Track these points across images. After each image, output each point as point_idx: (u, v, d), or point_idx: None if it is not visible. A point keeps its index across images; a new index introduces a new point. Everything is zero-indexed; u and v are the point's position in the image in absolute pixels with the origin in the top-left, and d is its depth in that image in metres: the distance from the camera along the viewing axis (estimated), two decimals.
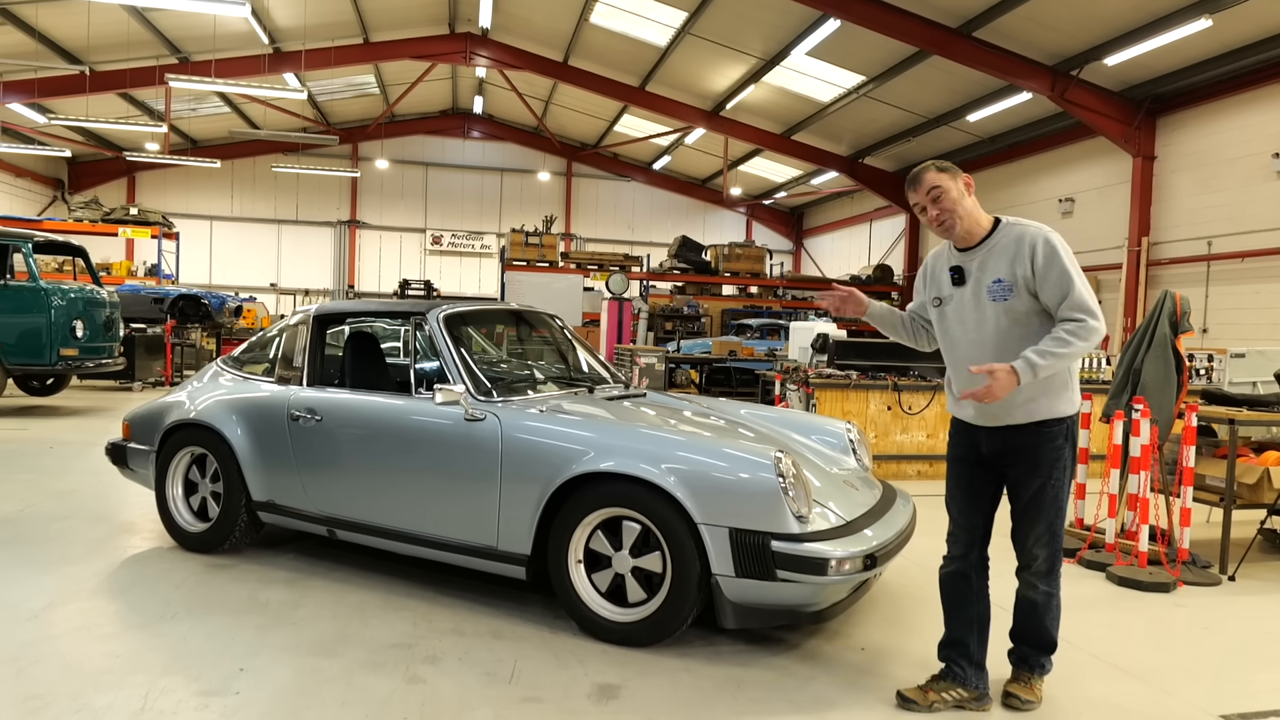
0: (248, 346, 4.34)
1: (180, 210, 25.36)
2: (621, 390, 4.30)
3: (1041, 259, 2.62)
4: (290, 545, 4.23)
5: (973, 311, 2.76)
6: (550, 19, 17.65)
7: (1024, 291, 2.65)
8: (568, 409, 3.52)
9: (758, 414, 4.43)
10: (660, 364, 12.42)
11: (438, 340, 3.69)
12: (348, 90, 22.74)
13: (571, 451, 3.17)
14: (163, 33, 16.94)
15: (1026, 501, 2.76)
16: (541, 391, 3.86)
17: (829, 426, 4.31)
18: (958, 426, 2.95)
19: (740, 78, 17.64)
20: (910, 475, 7.43)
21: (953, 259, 2.84)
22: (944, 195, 2.74)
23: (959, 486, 2.94)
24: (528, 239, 18.85)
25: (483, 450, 3.33)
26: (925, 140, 18.14)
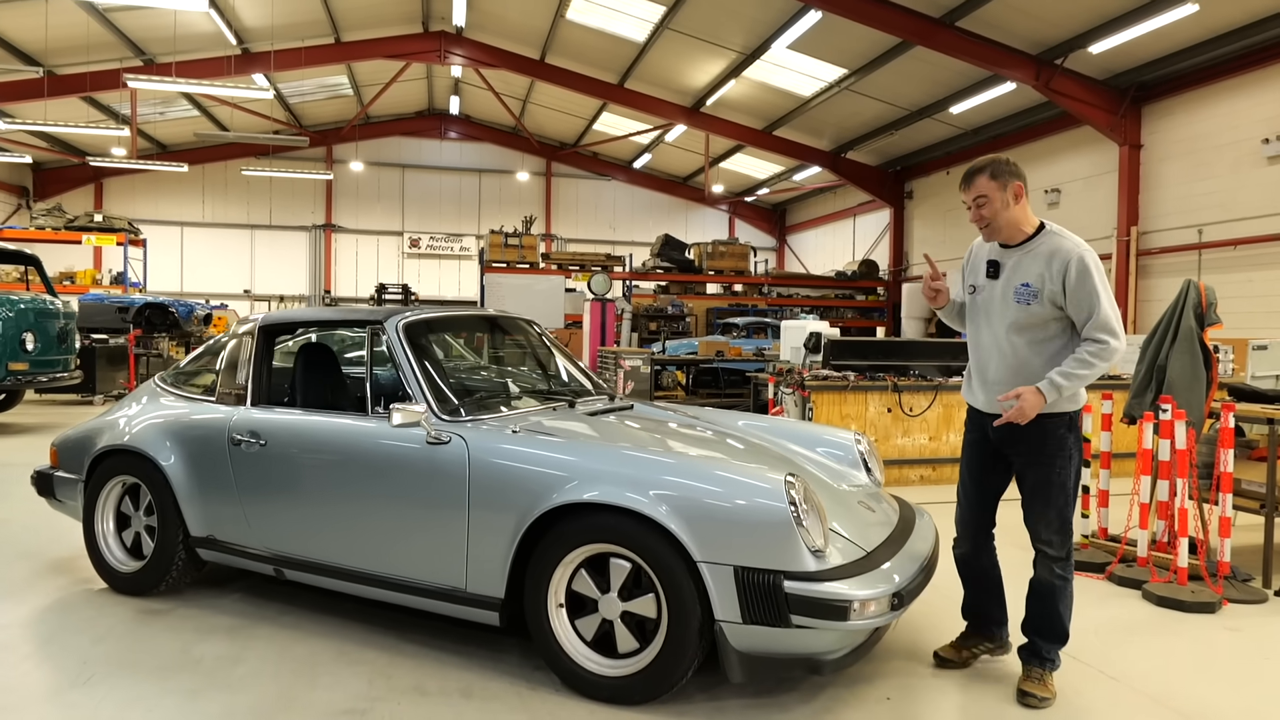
0: (190, 361, 3.88)
1: (149, 217, 24.64)
2: (606, 403, 3.89)
3: (1074, 277, 2.75)
4: (238, 583, 3.78)
5: (997, 307, 2.93)
6: (526, 16, 17.21)
7: (1047, 301, 2.79)
8: (546, 428, 3.11)
9: (755, 425, 4.04)
10: (646, 366, 12.01)
11: (396, 352, 3.27)
12: (320, 92, 22.17)
13: (550, 478, 2.76)
14: (125, 34, 16.32)
15: (1033, 489, 2.91)
16: (517, 408, 3.44)
17: (836, 437, 3.92)
18: (972, 413, 3.13)
19: (720, 73, 17.28)
20: (913, 480, 7.07)
21: (993, 253, 2.99)
22: (987, 204, 2.89)
23: (972, 469, 3.12)
24: (507, 240, 18.39)
25: (448, 477, 2.91)
26: (908, 133, 17.86)
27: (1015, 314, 2.87)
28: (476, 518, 2.84)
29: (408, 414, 2.94)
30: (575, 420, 3.33)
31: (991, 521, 3.11)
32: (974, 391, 3.09)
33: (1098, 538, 4.73)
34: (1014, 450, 2.93)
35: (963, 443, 3.19)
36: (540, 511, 2.71)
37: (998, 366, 2.95)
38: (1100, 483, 4.78)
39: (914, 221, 20.15)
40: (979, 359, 3.05)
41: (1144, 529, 4.23)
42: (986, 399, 2.98)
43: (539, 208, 26.31)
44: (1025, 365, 2.88)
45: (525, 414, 3.31)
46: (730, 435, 3.64)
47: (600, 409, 3.65)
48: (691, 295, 19.48)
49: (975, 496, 3.10)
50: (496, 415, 3.23)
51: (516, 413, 3.31)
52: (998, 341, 2.94)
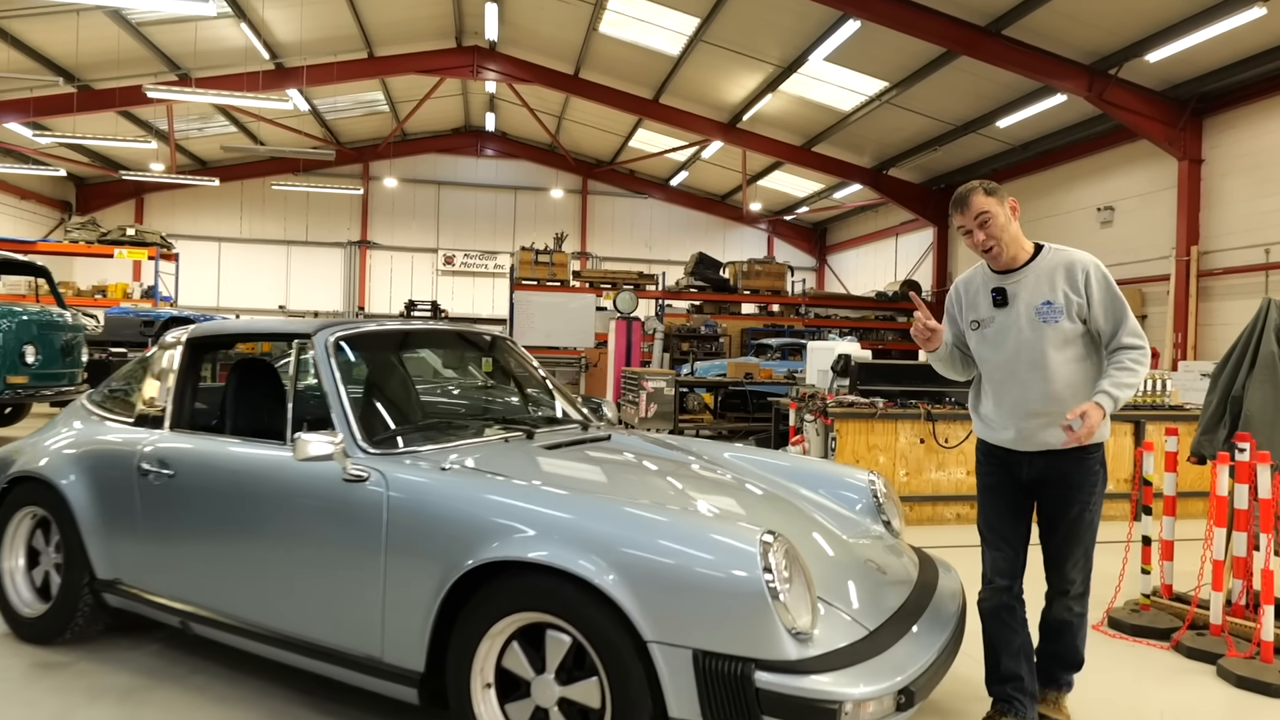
0: (120, 376, 3.49)
1: (188, 232, 24.99)
2: (577, 433, 3.40)
3: (1096, 286, 2.69)
4: (159, 631, 3.34)
5: (1021, 333, 2.75)
6: (558, 29, 16.98)
7: (1074, 315, 2.69)
8: (486, 464, 2.62)
9: (749, 459, 3.52)
10: (670, 388, 11.51)
11: (322, 371, 2.83)
12: (357, 108, 22.25)
13: (479, 528, 2.28)
14: (159, 48, 16.48)
15: (1066, 527, 2.76)
16: (464, 438, 2.96)
17: (847, 477, 3.38)
18: (992, 453, 2.90)
19: (757, 87, 16.81)
20: (948, 519, 6.43)
21: (993, 281, 2.83)
22: (992, 220, 2.73)
23: (1001, 513, 2.88)
24: (538, 257, 18.09)
25: (363, 521, 2.44)
26: (953, 149, 17.16)
27: (1047, 334, 2.71)
28: (394, 572, 2.37)
29: (317, 445, 2.48)
30: (526, 455, 2.85)
31: (1024, 568, 2.87)
32: (997, 429, 2.85)
33: (1161, 597, 4.07)
34: (1050, 487, 2.77)
35: (980, 486, 2.95)
36: (465, 569, 2.22)
37: (1040, 396, 2.72)
38: (1164, 532, 4.13)
39: (958, 241, 19.36)
40: (1005, 394, 2.81)
41: (1218, 590, 3.58)
42: (1019, 434, 2.77)
43: (575, 225, 26.05)
44: (1071, 385, 2.71)
45: (470, 446, 2.83)
46: (716, 477, 3.11)
47: (565, 441, 3.16)
48: (726, 315, 18.93)
49: (1010, 540, 2.85)
50: (436, 447, 2.76)
51: (460, 444, 2.84)
52: (1035, 368, 2.72)
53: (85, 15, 14.58)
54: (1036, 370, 2.71)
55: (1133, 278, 13.70)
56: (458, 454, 2.68)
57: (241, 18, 15.58)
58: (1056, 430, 2.68)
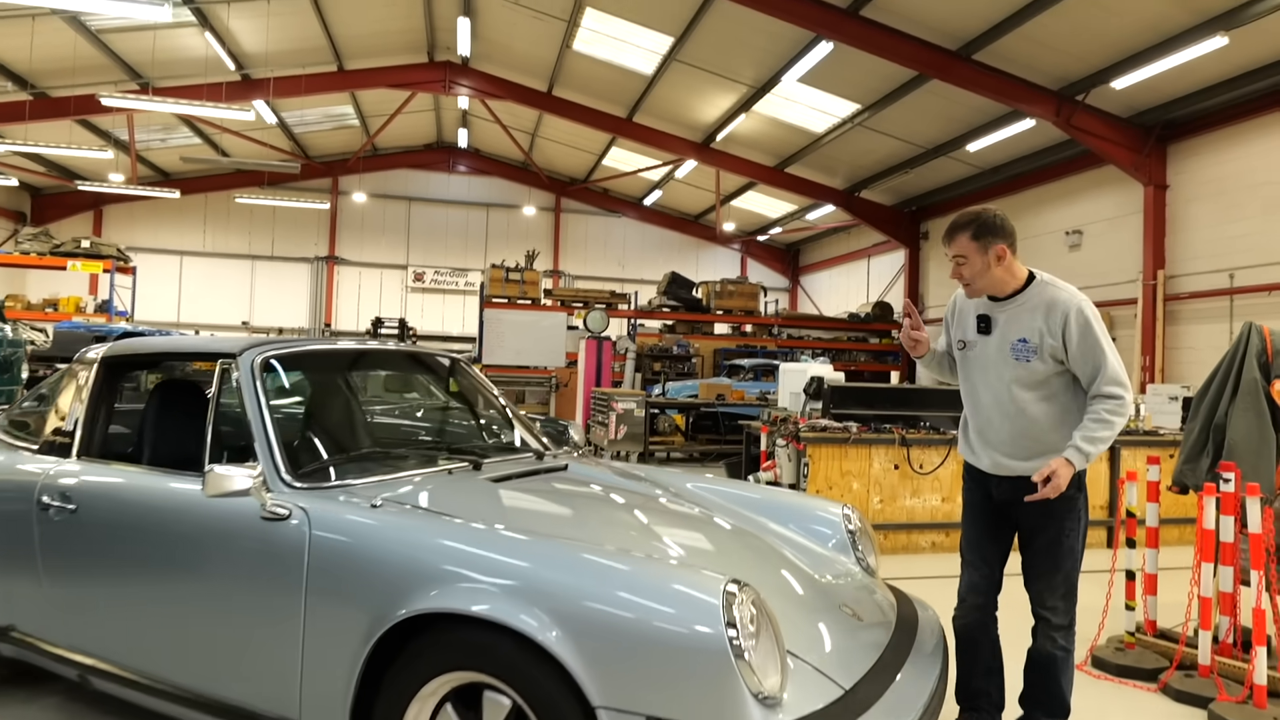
0: (30, 398, 3.20)
1: (149, 245, 24.38)
2: (532, 462, 3.17)
3: (1075, 331, 2.62)
4: (59, 683, 3.03)
5: (994, 364, 2.77)
6: (532, 46, 16.85)
7: (1047, 356, 2.64)
8: (423, 500, 2.39)
9: (715, 490, 3.32)
10: (640, 409, 11.29)
11: (246, 395, 2.58)
12: (326, 121, 21.91)
13: (410, 573, 2.04)
14: (121, 56, 16.08)
15: (1041, 551, 2.73)
16: (403, 469, 2.72)
17: (819, 511, 3.18)
18: (971, 472, 2.91)
19: (730, 107, 16.79)
20: (923, 548, 6.26)
21: (981, 306, 2.83)
22: (966, 264, 2.78)
23: (977, 529, 2.89)
24: (508, 275, 17.85)
25: (281, 566, 2.19)
26: (923, 172, 17.25)
27: (1015, 371, 2.71)
28: (315, 623, 2.12)
29: (231, 478, 2.23)
30: (470, 490, 2.61)
31: (999, 587, 2.89)
32: (975, 452, 2.87)
33: (1145, 634, 3.91)
34: (1022, 510, 2.73)
35: (963, 502, 2.97)
36: (394, 620, 1.98)
37: (1000, 427, 2.76)
38: (1146, 565, 3.98)
39: (930, 263, 19.45)
40: (979, 419, 2.85)
41: (1206, 629, 3.42)
42: (991, 461, 2.79)
43: (548, 243, 25.85)
44: (1033, 425, 2.70)
45: (409, 479, 2.59)
46: (679, 511, 2.89)
47: (516, 472, 2.92)
48: (699, 335, 18.80)
49: (987, 558, 2.87)
50: (370, 480, 2.51)
51: (398, 477, 2.59)
52: (999, 401, 2.76)
53: (41, 20, 14.16)
54: (1000, 405, 2.74)
55: (1101, 301, 13.75)
56: (394, 488, 2.44)
57: (206, 27, 15.26)
58: (1027, 461, 2.70)
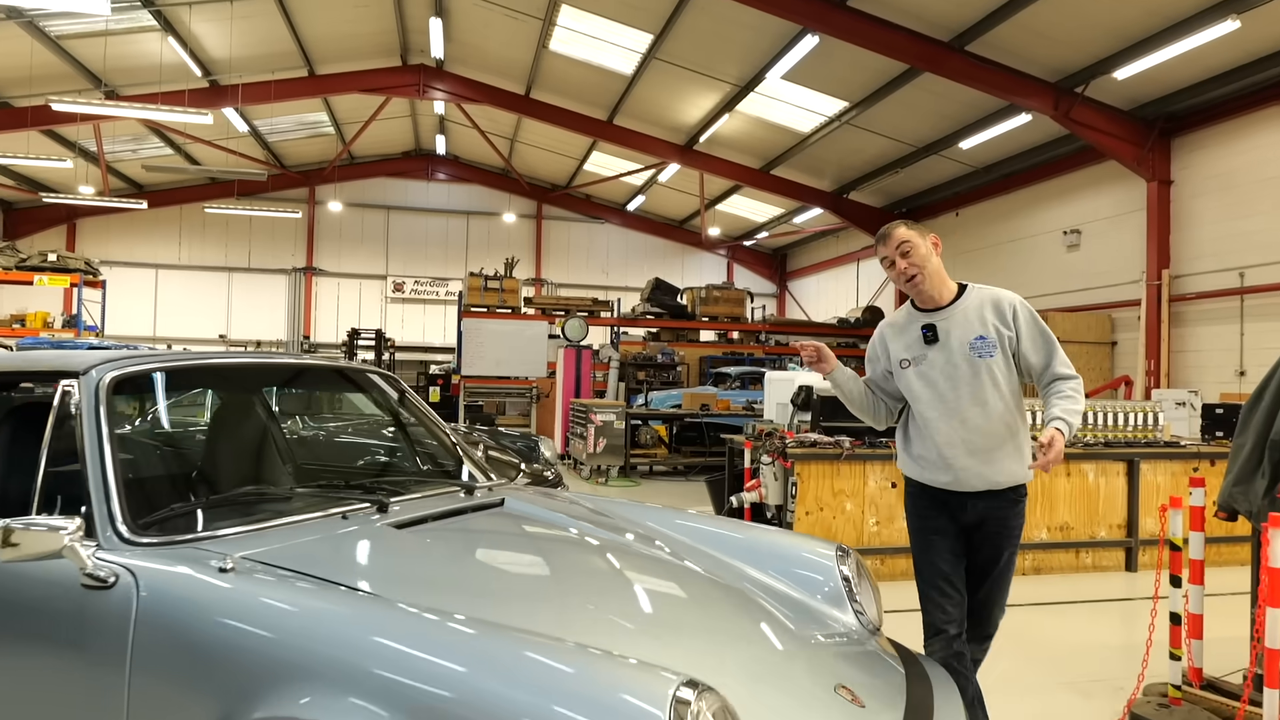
0: None
1: (123, 258, 23.75)
2: (457, 500, 2.59)
3: (1024, 321, 2.75)
4: None
5: (958, 369, 2.75)
6: (507, 47, 16.32)
7: (1007, 349, 2.72)
8: (289, 559, 1.79)
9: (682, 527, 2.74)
10: (619, 421, 10.71)
11: (85, 423, 2.01)
12: (300, 129, 21.30)
13: (256, 665, 1.47)
14: (83, 64, 15.46)
15: (999, 569, 2.77)
16: (286, 514, 2.12)
17: (806, 553, 2.61)
18: (927, 495, 2.83)
19: (713, 107, 16.28)
20: None
21: (922, 319, 2.83)
22: (913, 250, 2.76)
23: (946, 558, 2.77)
24: (487, 283, 17.31)
25: (101, 645, 1.62)
26: (914, 172, 16.76)
27: (984, 370, 2.73)
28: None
29: (36, 535, 1.65)
30: (363, 541, 2.03)
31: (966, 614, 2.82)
32: (934, 470, 2.77)
33: (1192, 685, 3.32)
34: (986, 530, 2.75)
35: (919, 530, 2.84)
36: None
37: (980, 431, 2.71)
38: (1191, 605, 3.40)
39: None
40: (943, 434, 2.74)
41: (1274, 687, 2.83)
42: (958, 477, 2.73)
43: (529, 251, 25.28)
44: (1004, 420, 2.73)
45: (286, 528, 1.99)
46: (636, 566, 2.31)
47: (432, 513, 2.34)
48: (684, 343, 18.24)
49: (959, 586, 2.79)
50: (236, 531, 1.92)
51: (274, 525, 2.00)
52: (976, 403, 2.72)
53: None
54: (977, 406, 2.70)
55: (1101, 303, 13.27)
56: (262, 541, 1.84)
57: (169, 32, 14.67)
58: (997, 467, 2.69)
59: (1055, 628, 4.79)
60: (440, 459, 3.36)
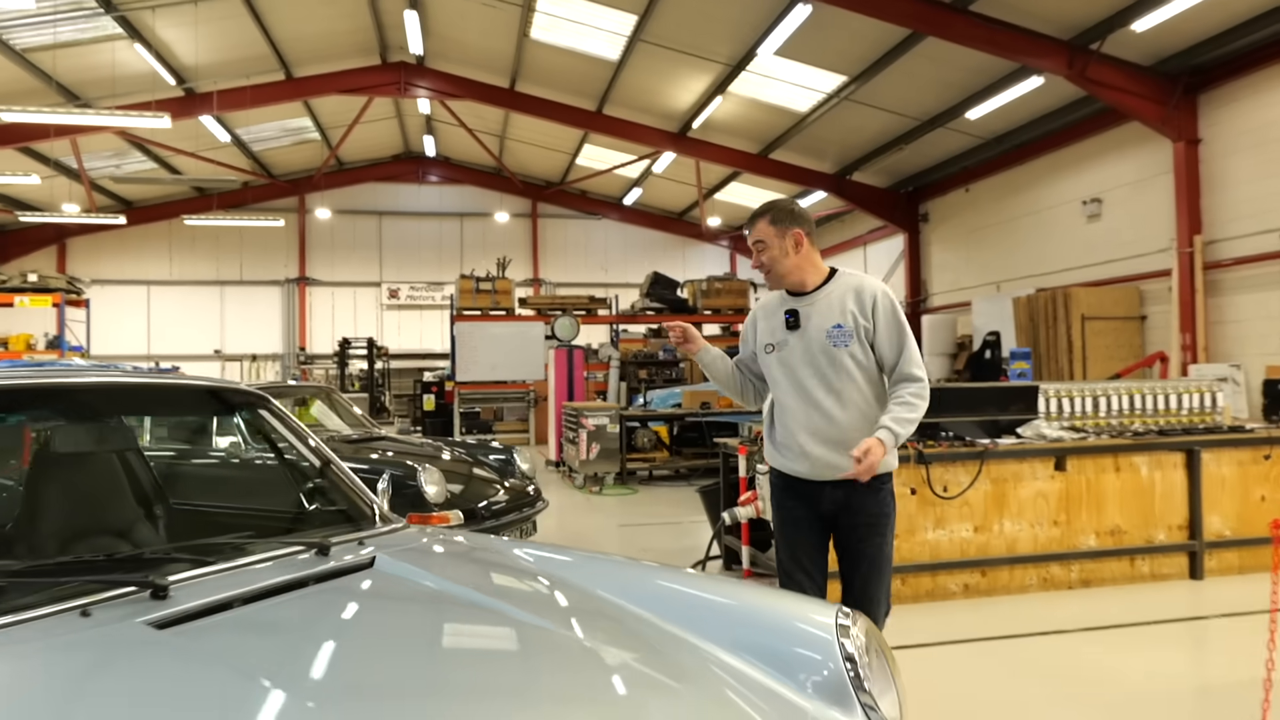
0: None
1: (114, 276, 23.29)
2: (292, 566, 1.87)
3: (882, 312, 2.69)
4: None
5: (814, 357, 2.73)
6: (487, 38, 15.62)
7: (863, 337, 2.69)
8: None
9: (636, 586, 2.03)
10: (613, 425, 9.99)
11: None
12: (284, 136, 20.70)
13: None
14: (54, 78, 14.85)
15: (869, 562, 2.71)
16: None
17: (800, 623, 1.91)
18: (788, 484, 2.82)
19: (705, 90, 15.51)
20: (952, 592, 4.91)
21: (787, 303, 2.81)
22: (765, 250, 2.78)
23: (804, 546, 2.78)
24: (479, 285, 16.63)
25: None
26: (920, 148, 15.90)
27: (839, 359, 2.70)
28: None
29: None
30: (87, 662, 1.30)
31: None
32: (791, 458, 2.77)
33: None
34: (849, 519, 2.71)
35: (780, 519, 2.85)
36: None
37: (830, 421, 2.69)
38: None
39: (931, 246, 18.10)
40: (801, 420, 2.73)
41: None
42: (813, 466, 2.71)
43: (526, 251, 24.59)
44: (860, 411, 2.70)
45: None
46: (552, 654, 1.59)
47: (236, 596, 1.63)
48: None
49: (816, 575, 2.75)
50: None
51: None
52: (828, 392, 2.70)
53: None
54: (831, 395, 2.68)
55: (1128, 275, 12.42)
56: None
57: (136, 38, 14.06)
58: (848, 460, 2.58)
59: (1115, 658, 4.03)
60: (334, 500, 2.65)
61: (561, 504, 9.21)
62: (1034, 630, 4.48)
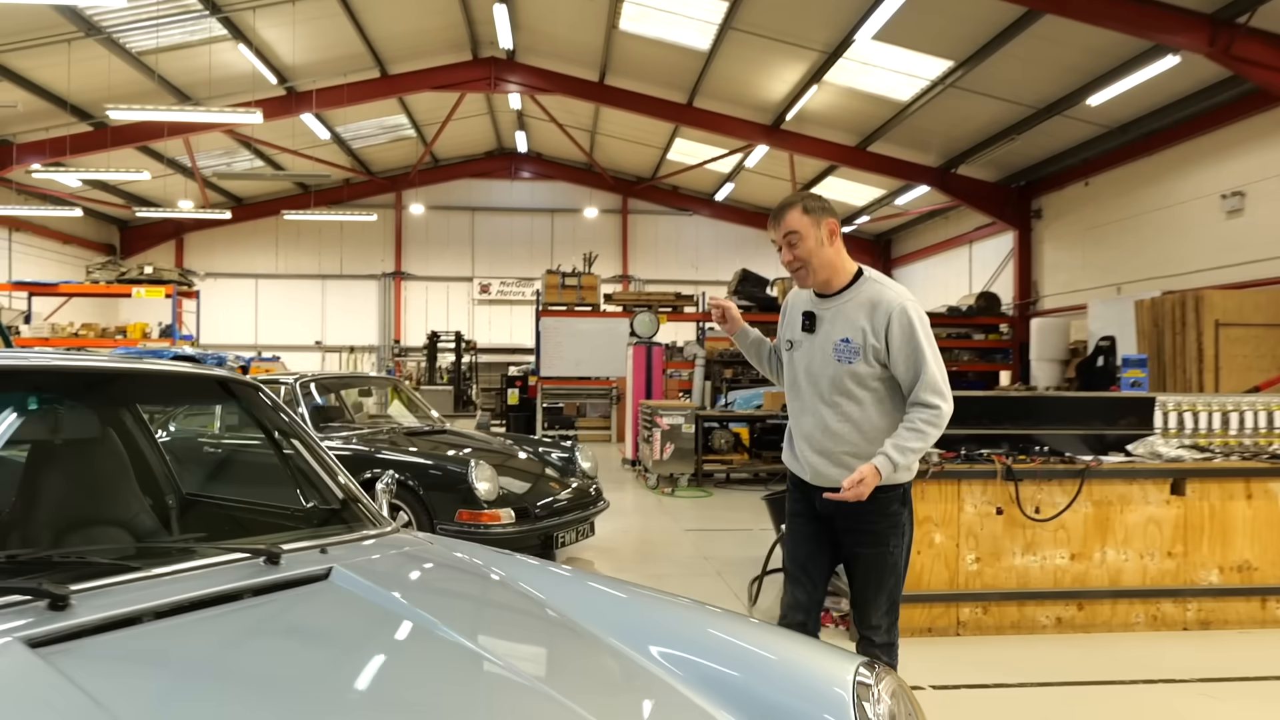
0: None
1: (227, 270, 24.55)
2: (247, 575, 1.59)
3: (897, 332, 2.52)
4: None
5: (818, 364, 2.63)
6: (576, 30, 15.47)
7: (871, 358, 2.54)
8: None
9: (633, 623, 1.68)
10: (689, 424, 9.59)
11: None
12: (382, 134, 21.24)
13: None
14: (168, 80, 15.63)
15: (865, 571, 2.64)
16: None
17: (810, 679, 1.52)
18: (795, 483, 2.78)
19: (799, 79, 14.87)
20: (1042, 625, 4.30)
21: (808, 304, 2.70)
22: (800, 242, 2.59)
23: (802, 544, 2.74)
24: (564, 280, 16.56)
25: None
26: (1033, 138, 14.77)
27: (835, 373, 2.57)
28: None
29: None
30: None
31: (821, 605, 2.75)
32: (797, 460, 2.72)
33: None
34: (844, 526, 2.62)
35: (788, 513, 2.78)
36: None
37: (824, 433, 2.60)
38: None
39: (1044, 245, 16.85)
40: (802, 425, 2.68)
41: None
42: (812, 471, 2.64)
43: (615, 247, 24.45)
44: (858, 429, 2.57)
45: None
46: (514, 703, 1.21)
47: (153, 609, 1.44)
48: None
49: (812, 575, 2.69)
50: None
51: None
52: (820, 406, 2.61)
53: (76, 46, 13.78)
54: (829, 407, 2.60)
55: (1272, 277, 11.09)
56: None
57: (240, 39, 14.60)
58: (840, 471, 2.55)
59: (1238, 717, 3.36)
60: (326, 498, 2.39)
61: (630, 504, 8.88)
62: (1139, 677, 3.84)
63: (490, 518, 5.31)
